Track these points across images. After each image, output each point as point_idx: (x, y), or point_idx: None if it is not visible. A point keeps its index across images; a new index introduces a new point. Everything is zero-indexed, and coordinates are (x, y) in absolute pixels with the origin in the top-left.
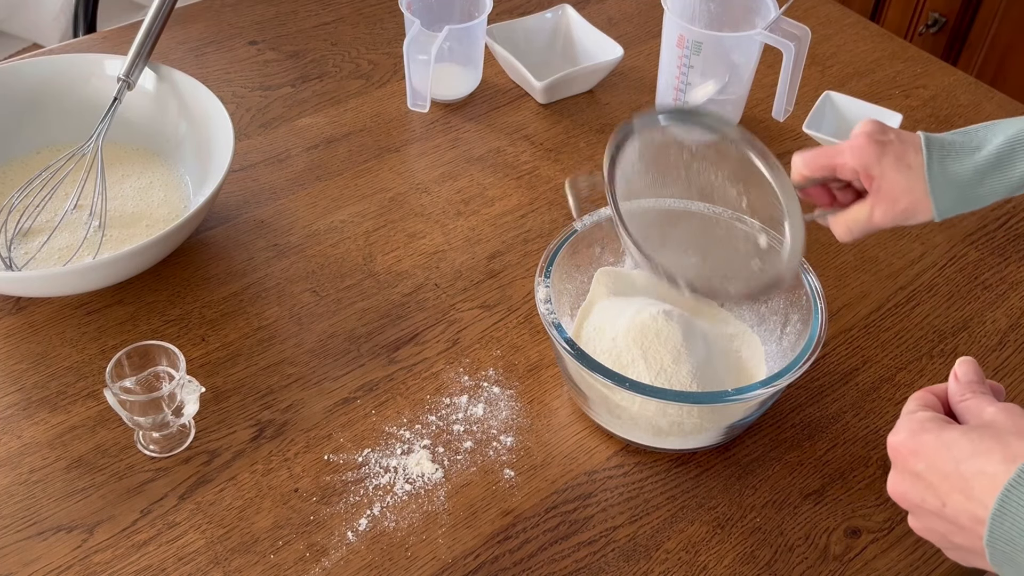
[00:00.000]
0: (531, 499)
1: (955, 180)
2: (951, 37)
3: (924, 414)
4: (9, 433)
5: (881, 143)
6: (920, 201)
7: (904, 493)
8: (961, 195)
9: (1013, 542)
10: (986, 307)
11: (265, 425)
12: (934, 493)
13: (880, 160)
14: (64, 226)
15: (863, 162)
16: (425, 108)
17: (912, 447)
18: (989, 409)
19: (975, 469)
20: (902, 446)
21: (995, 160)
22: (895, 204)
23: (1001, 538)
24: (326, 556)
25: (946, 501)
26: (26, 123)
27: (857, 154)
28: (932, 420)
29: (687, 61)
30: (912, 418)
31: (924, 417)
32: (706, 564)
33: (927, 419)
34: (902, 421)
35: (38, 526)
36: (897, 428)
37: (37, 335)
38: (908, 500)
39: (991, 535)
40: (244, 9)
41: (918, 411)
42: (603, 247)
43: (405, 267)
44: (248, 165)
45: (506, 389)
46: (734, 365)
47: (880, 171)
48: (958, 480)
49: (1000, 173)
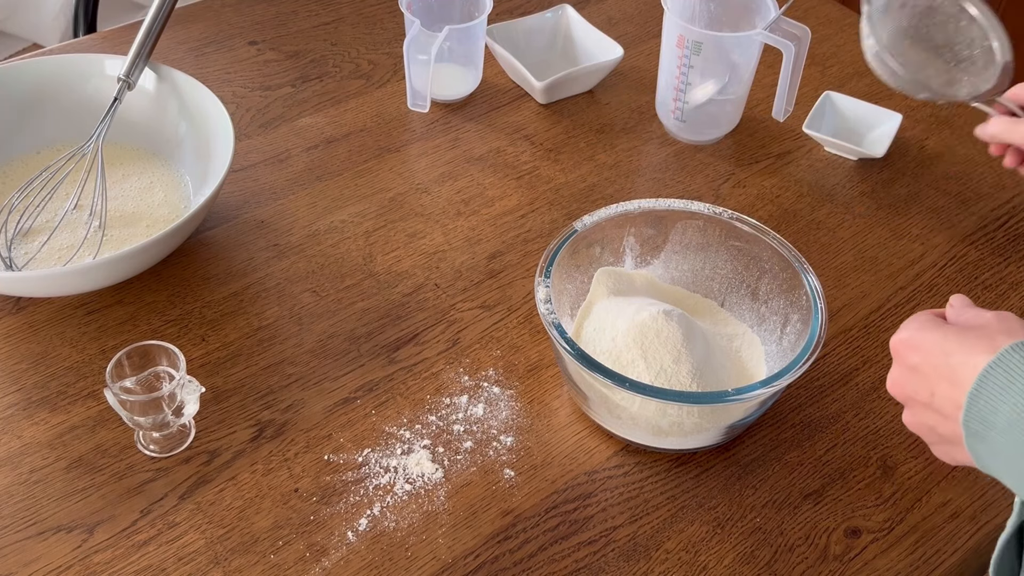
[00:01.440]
0: (531, 499)
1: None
2: None
3: (925, 316)
4: (9, 433)
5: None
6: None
7: (901, 386)
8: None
9: (986, 420)
10: (986, 307)
11: (265, 425)
12: (925, 384)
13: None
14: (64, 226)
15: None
16: (425, 108)
17: (912, 343)
18: (986, 314)
19: (961, 360)
20: (903, 342)
21: None
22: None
23: (975, 417)
24: (326, 556)
25: (934, 391)
26: (26, 123)
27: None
28: (932, 320)
29: (687, 61)
30: (915, 318)
31: (925, 319)
32: (706, 564)
33: (927, 320)
34: (906, 322)
35: (38, 526)
36: (901, 328)
37: (37, 335)
38: (903, 393)
39: (967, 415)
40: (244, 9)
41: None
42: (603, 247)
43: (405, 267)
44: (248, 165)
45: (506, 389)
46: (734, 365)
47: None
48: (946, 371)
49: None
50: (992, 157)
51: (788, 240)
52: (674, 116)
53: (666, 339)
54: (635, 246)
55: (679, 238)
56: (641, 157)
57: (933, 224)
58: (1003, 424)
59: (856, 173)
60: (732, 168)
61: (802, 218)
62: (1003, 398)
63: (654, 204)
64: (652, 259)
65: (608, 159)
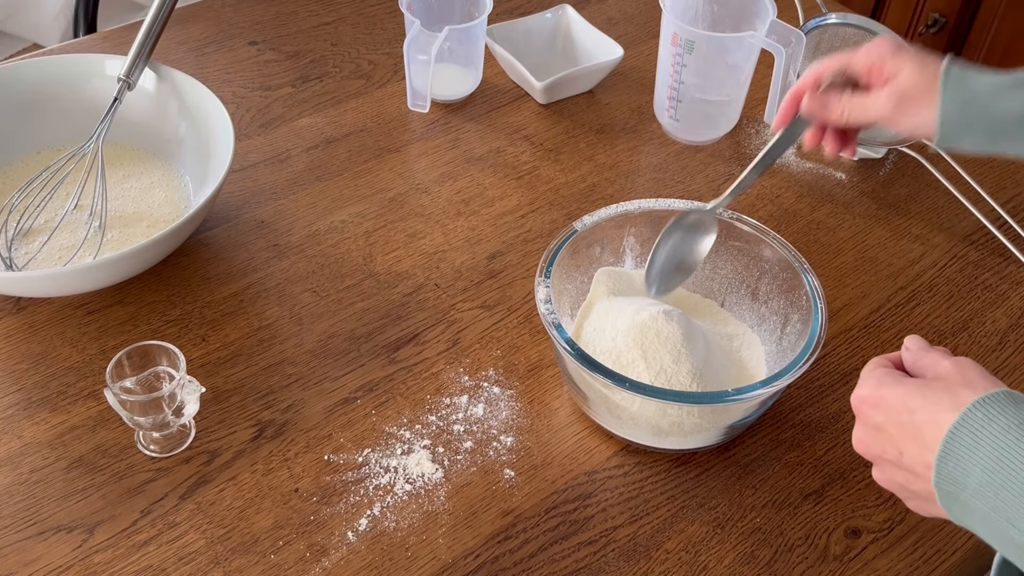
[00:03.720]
0: (531, 499)
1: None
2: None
3: (883, 371)
4: (9, 433)
5: (901, 43)
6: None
7: (867, 445)
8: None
9: (956, 482)
10: (986, 307)
11: (265, 425)
12: (892, 443)
13: (896, 53)
14: (64, 226)
15: (879, 53)
16: (425, 108)
17: (873, 401)
18: (944, 363)
19: (926, 419)
20: (864, 401)
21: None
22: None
23: (946, 478)
24: (326, 556)
25: (903, 450)
26: (26, 123)
27: (875, 47)
28: (890, 375)
29: (680, 60)
30: (873, 375)
31: (883, 373)
32: (706, 564)
33: (885, 375)
34: (863, 378)
35: (38, 526)
36: (859, 384)
37: (37, 335)
38: (871, 452)
39: (938, 476)
40: (244, 9)
41: (877, 369)
42: (603, 247)
43: (405, 267)
44: (248, 165)
45: (506, 389)
46: (734, 365)
47: (895, 63)
48: (912, 429)
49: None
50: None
51: (788, 240)
52: (668, 115)
53: (666, 339)
54: (635, 246)
55: None
56: (641, 157)
57: (933, 224)
58: (975, 485)
59: (856, 173)
60: (732, 168)
61: (802, 218)
62: (972, 459)
63: (654, 204)
64: None
65: (608, 159)
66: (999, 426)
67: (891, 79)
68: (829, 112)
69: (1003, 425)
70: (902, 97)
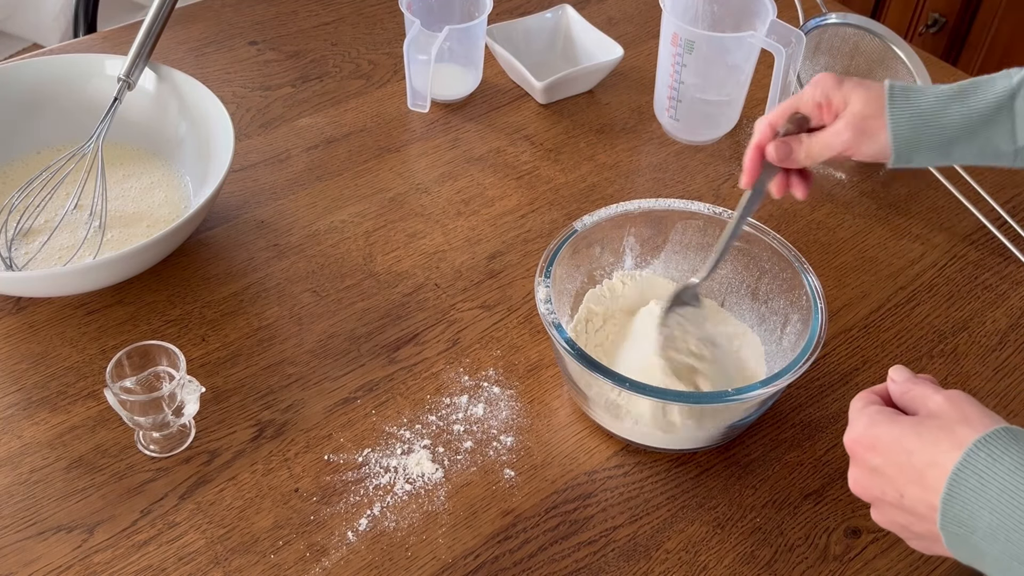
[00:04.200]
0: (531, 499)
1: (916, 104)
2: (951, 37)
3: (873, 408)
4: (9, 433)
5: (840, 77)
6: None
7: (865, 488)
8: (920, 124)
9: (964, 524)
10: (986, 307)
11: (265, 425)
12: (892, 486)
13: (841, 86)
14: (64, 226)
15: (824, 90)
16: (425, 108)
17: (868, 442)
18: (935, 398)
19: (927, 460)
20: (858, 442)
21: (956, 91)
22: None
23: (953, 521)
24: (326, 556)
25: (904, 493)
26: (26, 123)
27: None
28: (881, 413)
29: (680, 60)
30: (864, 413)
31: (874, 411)
32: (706, 564)
33: (876, 412)
34: (854, 418)
35: (38, 526)
36: (851, 425)
37: (37, 335)
38: (869, 494)
39: (943, 519)
40: (244, 9)
41: (867, 407)
42: (603, 247)
43: (405, 267)
44: (248, 165)
45: (506, 389)
46: (734, 365)
47: (841, 95)
48: (912, 472)
49: (960, 102)
50: None
51: (788, 240)
52: (668, 115)
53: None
54: (635, 246)
55: (679, 238)
56: (641, 157)
57: (933, 224)
58: (984, 528)
59: (856, 173)
60: (732, 168)
61: (802, 218)
62: (980, 502)
63: (654, 204)
64: (652, 259)
65: (608, 159)
66: (1004, 467)
67: (841, 111)
68: (795, 155)
69: (1008, 466)
70: (859, 124)
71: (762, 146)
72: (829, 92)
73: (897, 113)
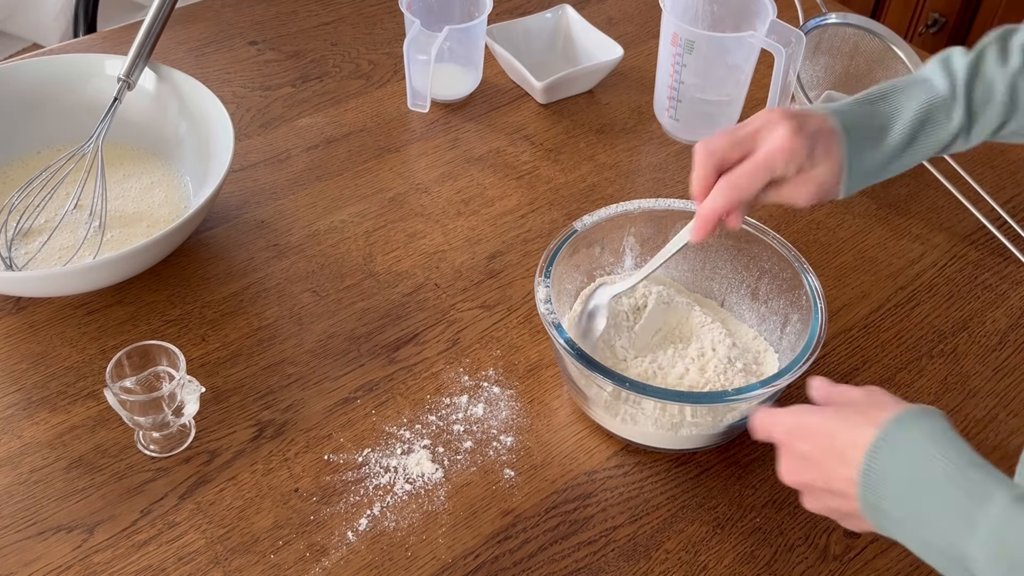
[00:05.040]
0: (531, 499)
1: (867, 168)
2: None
3: (798, 405)
4: (9, 433)
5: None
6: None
7: (796, 475)
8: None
9: (877, 491)
10: (986, 307)
11: (265, 425)
12: (819, 470)
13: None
14: (64, 226)
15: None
16: (425, 108)
17: (796, 432)
18: (853, 392)
19: (848, 441)
20: (786, 432)
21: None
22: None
23: (869, 490)
24: (326, 556)
25: (830, 475)
26: (26, 123)
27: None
28: (805, 406)
29: (680, 60)
30: (787, 409)
31: (797, 407)
32: (706, 564)
33: (800, 406)
34: (778, 413)
35: (38, 526)
36: (776, 419)
37: (37, 335)
38: (800, 481)
39: (861, 490)
40: (244, 9)
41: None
42: (603, 247)
43: (405, 267)
44: (248, 165)
45: (506, 389)
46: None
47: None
48: (835, 454)
49: (901, 161)
50: (989, 155)
51: (788, 240)
52: (668, 115)
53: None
54: (635, 246)
55: None
56: (641, 157)
57: (933, 224)
58: (893, 494)
59: None
60: None
61: (802, 218)
62: (891, 470)
63: (654, 204)
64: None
65: (608, 159)
66: (913, 437)
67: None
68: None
69: (916, 437)
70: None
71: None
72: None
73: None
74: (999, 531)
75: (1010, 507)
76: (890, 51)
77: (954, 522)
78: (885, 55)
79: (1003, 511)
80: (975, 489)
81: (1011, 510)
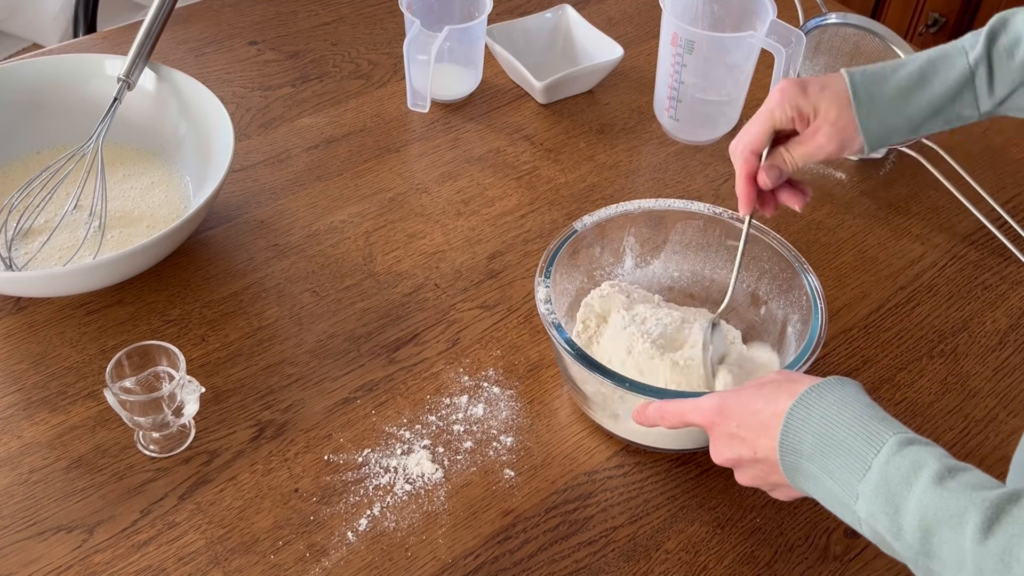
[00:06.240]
0: (531, 499)
1: (880, 101)
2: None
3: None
4: (9, 433)
5: (801, 81)
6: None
7: (726, 453)
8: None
9: (795, 451)
10: (986, 307)
11: (265, 425)
12: (746, 444)
13: (805, 92)
14: (64, 226)
15: (792, 103)
16: (425, 108)
17: (722, 412)
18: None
19: (770, 411)
20: (715, 413)
21: (917, 75)
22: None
23: (788, 452)
24: (326, 556)
25: (756, 447)
26: (26, 123)
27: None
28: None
29: (680, 60)
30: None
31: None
32: (706, 564)
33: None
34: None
35: (38, 526)
36: (700, 403)
37: (37, 335)
38: (731, 458)
39: (780, 454)
40: (244, 9)
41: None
42: (603, 247)
43: (405, 267)
44: (248, 165)
45: (506, 389)
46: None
47: (809, 104)
48: (760, 426)
49: (923, 89)
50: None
51: (788, 240)
52: (668, 115)
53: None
54: (635, 246)
55: (679, 238)
56: (641, 157)
57: (933, 224)
58: (808, 451)
59: (856, 173)
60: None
61: (802, 218)
62: (805, 429)
63: (654, 204)
64: (652, 259)
65: (608, 159)
66: (826, 400)
67: (812, 118)
68: (784, 174)
69: (829, 399)
70: (840, 135)
71: (752, 175)
72: (799, 104)
73: (864, 114)
74: (883, 469)
75: (896, 446)
76: (890, 51)
77: (852, 467)
78: (885, 55)
79: (890, 449)
80: (873, 436)
81: (896, 448)
